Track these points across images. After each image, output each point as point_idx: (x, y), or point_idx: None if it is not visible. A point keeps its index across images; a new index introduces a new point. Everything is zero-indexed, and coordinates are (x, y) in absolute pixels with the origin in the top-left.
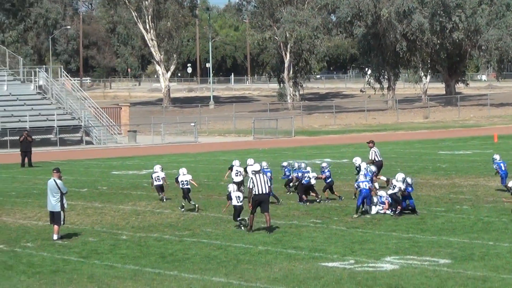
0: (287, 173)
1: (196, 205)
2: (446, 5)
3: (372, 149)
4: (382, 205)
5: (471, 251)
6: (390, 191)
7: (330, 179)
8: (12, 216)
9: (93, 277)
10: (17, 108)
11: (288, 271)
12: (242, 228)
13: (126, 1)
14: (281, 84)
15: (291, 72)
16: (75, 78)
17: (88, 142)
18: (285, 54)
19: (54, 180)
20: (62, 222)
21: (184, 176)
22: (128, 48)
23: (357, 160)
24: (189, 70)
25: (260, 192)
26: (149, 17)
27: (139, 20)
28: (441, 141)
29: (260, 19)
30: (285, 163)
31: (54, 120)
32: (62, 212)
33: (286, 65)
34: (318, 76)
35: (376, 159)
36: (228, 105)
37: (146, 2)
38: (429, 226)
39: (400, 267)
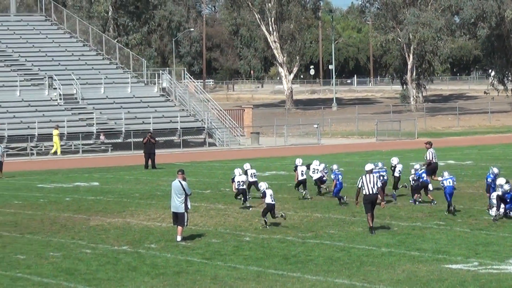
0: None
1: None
2: None
3: (429, 150)
4: None
5: None
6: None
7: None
8: (136, 218)
9: (216, 278)
10: (140, 110)
11: (411, 273)
12: (266, 226)
13: (249, 4)
14: (404, 86)
15: (414, 73)
16: (198, 80)
17: (211, 144)
18: (408, 56)
19: (179, 181)
20: (185, 224)
21: (240, 176)
22: (251, 50)
23: (393, 160)
24: (312, 72)
25: (370, 192)
26: (272, 19)
27: (262, 22)
28: None
29: (383, 21)
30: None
31: (177, 122)
32: (186, 213)
33: (409, 66)
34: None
35: (433, 161)
36: (351, 107)
37: (269, 4)
38: None
39: None
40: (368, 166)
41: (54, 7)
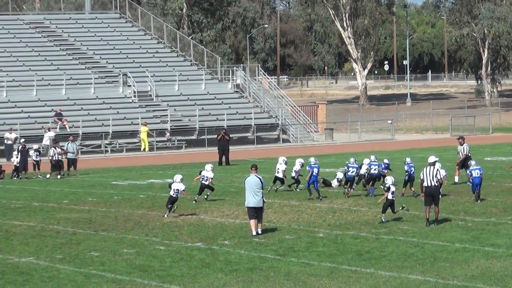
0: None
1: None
2: None
3: (464, 145)
4: None
5: None
6: None
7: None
8: (209, 214)
9: (290, 274)
10: (214, 107)
11: (486, 268)
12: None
13: (324, 0)
14: (479, 81)
15: (488, 68)
16: (272, 77)
17: (285, 140)
18: (483, 51)
19: (257, 176)
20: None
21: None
22: (325, 46)
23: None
24: (386, 67)
25: (429, 184)
26: (346, 15)
27: (336, 18)
28: None
29: (457, 16)
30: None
31: (251, 119)
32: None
33: (483, 61)
34: None
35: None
36: (425, 102)
37: (344, 0)
38: None
39: None
40: (431, 159)
41: (129, 4)
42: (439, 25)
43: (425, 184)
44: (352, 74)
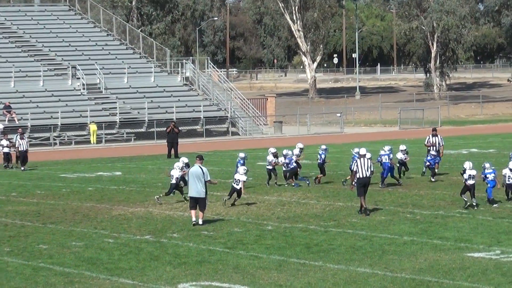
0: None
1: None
2: None
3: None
4: None
5: None
6: None
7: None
8: (158, 207)
9: (238, 267)
10: (164, 100)
11: (434, 261)
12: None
13: None
14: (428, 74)
15: (437, 61)
16: (222, 70)
17: (234, 133)
18: (432, 44)
19: (200, 167)
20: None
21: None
22: (274, 39)
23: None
24: (335, 60)
25: (363, 175)
26: (296, 7)
27: (285, 11)
28: None
29: (407, 9)
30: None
31: (200, 111)
32: (206, 199)
33: (432, 55)
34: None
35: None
36: (374, 96)
37: None
38: None
39: None
40: (363, 151)
41: None
42: (389, 18)
43: (359, 175)
44: (302, 67)
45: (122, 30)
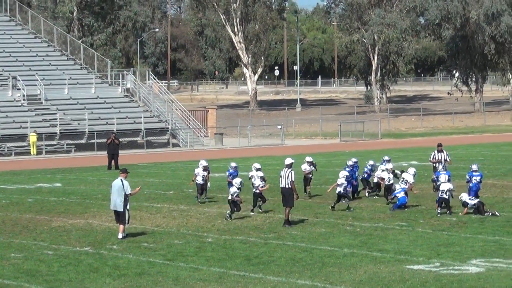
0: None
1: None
2: None
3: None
4: None
5: None
6: None
7: None
8: (98, 219)
9: (178, 279)
10: (104, 111)
11: (373, 274)
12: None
13: (215, 4)
14: (368, 87)
15: (378, 74)
16: (163, 81)
17: (174, 145)
18: (373, 57)
19: (121, 180)
20: (127, 221)
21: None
22: (215, 51)
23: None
24: (277, 72)
25: (283, 185)
26: (237, 19)
27: (227, 23)
28: None
29: (348, 22)
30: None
31: (141, 123)
32: (126, 211)
33: (373, 67)
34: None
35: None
36: (315, 108)
37: (235, 5)
38: None
39: (485, 270)
40: (288, 160)
41: (19, 7)
42: (330, 31)
43: (280, 185)
44: (243, 79)
45: (63, 41)
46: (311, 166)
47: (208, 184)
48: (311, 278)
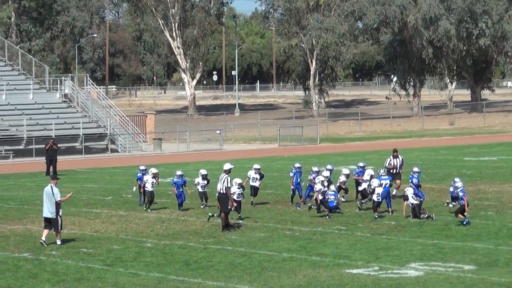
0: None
1: None
2: (473, 12)
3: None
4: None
5: (496, 257)
6: None
7: None
8: (37, 225)
9: (117, 285)
10: (42, 117)
11: (313, 278)
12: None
13: (153, 9)
14: (307, 91)
15: (316, 79)
16: (101, 87)
17: (113, 150)
18: (311, 61)
19: (51, 187)
20: (60, 228)
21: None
22: (154, 56)
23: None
24: (215, 77)
25: (219, 190)
26: (176, 25)
27: (165, 28)
28: (467, 148)
29: (286, 26)
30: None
31: (79, 129)
32: (59, 218)
33: (312, 72)
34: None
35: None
36: (254, 113)
37: (173, 10)
38: (454, 232)
39: (424, 274)
40: (226, 166)
41: None
42: (268, 36)
43: (217, 189)
44: (181, 84)
45: (1, 46)
46: (257, 175)
47: (153, 189)
48: (250, 283)
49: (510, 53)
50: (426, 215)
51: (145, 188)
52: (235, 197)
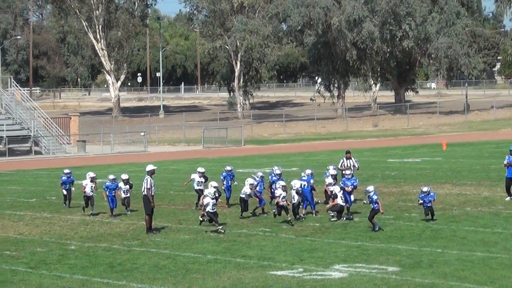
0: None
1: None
2: (397, 14)
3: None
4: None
5: (420, 259)
6: None
7: None
8: None
9: (41, 287)
10: None
11: (237, 280)
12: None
13: (77, 11)
14: (231, 93)
15: (241, 81)
16: (25, 88)
17: (37, 152)
18: (236, 63)
19: None
20: None
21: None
22: (78, 58)
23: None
24: (139, 79)
25: (142, 191)
26: (100, 26)
27: (89, 30)
28: (390, 149)
29: (211, 28)
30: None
31: (3, 130)
32: None
33: (236, 74)
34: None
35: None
36: (178, 115)
37: (97, 12)
38: (378, 234)
39: (348, 275)
40: (149, 167)
41: None
42: (193, 38)
43: (141, 191)
44: (105, 86)
45: None
46: (202, 178)
47: (94, 194)
48: (175, 285)
49: (433, 55)
50: (345, 217)
51: (84, 193)
52: (209, 208)
